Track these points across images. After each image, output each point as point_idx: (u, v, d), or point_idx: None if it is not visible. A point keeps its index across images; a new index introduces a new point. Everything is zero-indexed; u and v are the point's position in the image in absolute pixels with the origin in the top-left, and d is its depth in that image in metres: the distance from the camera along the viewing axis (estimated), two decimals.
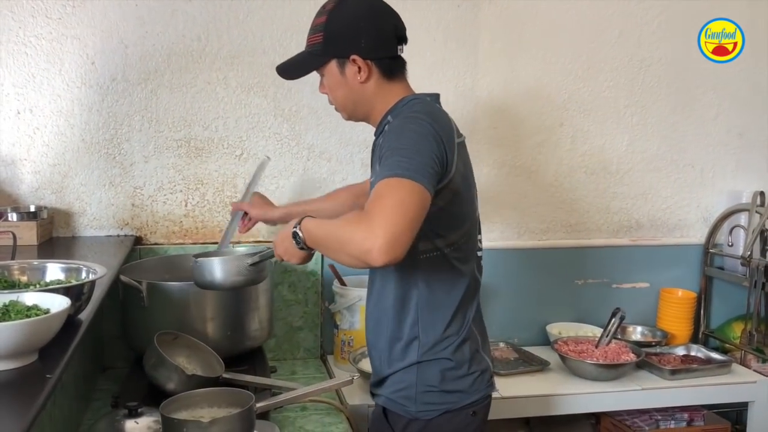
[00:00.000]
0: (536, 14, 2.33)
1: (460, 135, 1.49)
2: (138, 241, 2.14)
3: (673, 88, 2.46)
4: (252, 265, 1.58)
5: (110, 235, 2.14)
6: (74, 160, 2.08)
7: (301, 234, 1.38)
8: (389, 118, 1.51)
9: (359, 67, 1.48)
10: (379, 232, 1.20)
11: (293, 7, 2.14)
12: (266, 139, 2.18)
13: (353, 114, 1.60)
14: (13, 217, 1.95)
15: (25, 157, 2.04)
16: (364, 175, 2.25)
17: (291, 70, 1.59)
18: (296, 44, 2.14)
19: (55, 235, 2.09)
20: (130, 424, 1.47)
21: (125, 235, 2.14)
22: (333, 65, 1.51)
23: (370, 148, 2.23)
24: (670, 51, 2.42)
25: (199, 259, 1.65)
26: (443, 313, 1.51)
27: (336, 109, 1.61)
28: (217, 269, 1.61)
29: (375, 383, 1.62)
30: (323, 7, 1.51)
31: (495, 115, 2.34)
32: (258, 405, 1.44)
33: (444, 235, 1.47)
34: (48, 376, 1.00)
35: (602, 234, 2.49)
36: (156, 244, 2.16)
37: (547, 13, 2.34)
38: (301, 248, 1.40)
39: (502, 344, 2.39)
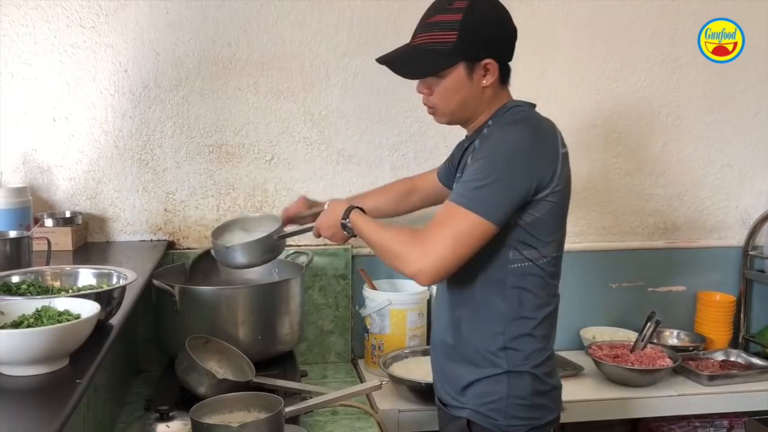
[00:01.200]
0: (568, 14, 2.30)
1: (564, 145, 1.45)
2: (171, 245, 2.17)
3: (709, 87, 2.40)
4: (279, 238, 1.69)
5: (144, 240, 2.16)
6: (108, 166, 2.11)
7: (350, 226, 1.53)
8: (489, 122, 1.48)
9: (487, 71, 1.44)
10: (429, 260, 1.34)
11: (322, 12, 2.14)
12: (296, 144, 2.19)
13: (458, 117, 1.52)
14: (48, 222, 1.99)
15: (60, 164, 2.08)
16: (393, 179, 2.24)
17: (408, 68, 1.49)
18: (325, 48, 2.16)
19: (89, 240, 2.13)
20: (161, 427, 1.49)
21: (158, 240, 2.16)
22: (461, 67, 1.42)
23: (399, 152, 2.25)
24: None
25: (228, 246, 1.69)
26: (533, 325, 1.48)
27: (431, 111, 1.53)
28: (248, 253, 1.68)
29: (453, 392, 1.55)
30: (449, 4, 1.42)
31: None
32: (287, 409, 1.43)
33: (536, 246, 1.44)
34: (78, 381, 1.01)
35: (637, 236, 2.44)
36: (188, 248, 2.18)
37: (578, 13, 2.30)
38: (351, 235, 1.56)
39: None
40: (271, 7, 2.12)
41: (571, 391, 2.07)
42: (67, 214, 2.06)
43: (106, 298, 1.25)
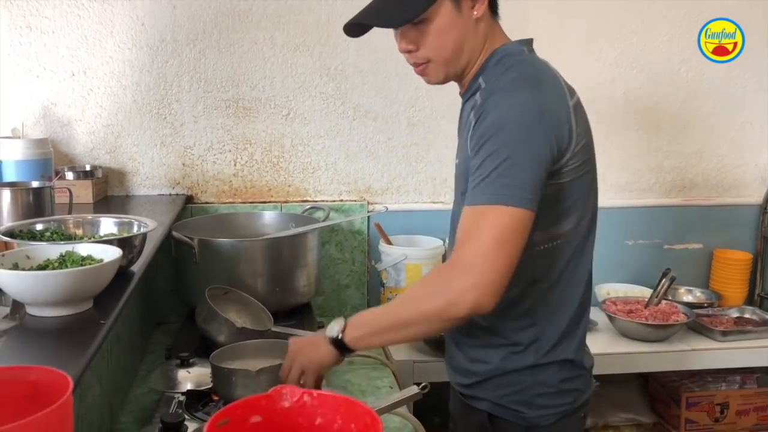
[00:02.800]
0: None
1: (573, 94, 1.25)
2: (189, 199, 2.19)
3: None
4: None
5: (162, 194, 2.19)
6: (127, 120, 2.13)
7: (350, 345, 1.22)
8: (480, 81, 1.27)
9: (472, 2, 1.25)
10: (478, 278, 1.09)
11: None
12: (312, 99, 2.19)
13: (454, 67, 1.30)
14: (69, 176, 2.02)
15: (80, 118, 2.10)
16: (409, 135, 2.26)
17: (390, 14, 1.31)
18: (341, 1, 2.14)
19: (109, 193, 2.16)
20: (182, 373, 1.54)
21: (177, 194, 2.19)
22: (447, 3, 1.23)
23: (416, 107, 2.25)
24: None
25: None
26: (565, 312, 1.30)
27: (422, 70, 1.34)
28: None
29: (470, 384, 1.39)
30: None
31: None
32: None
33: (563, 221, 1.25)
34: (102, 321, 1.04)
35: (654, 194, 2.43)
36: (207, 202, 2.20)
37: None
38: (342, 352, 1.24)
39: None
40: None
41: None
42: (87, 168, 2.08)
43: (128, 245, 1.27)
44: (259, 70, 2.15)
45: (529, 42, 1.33)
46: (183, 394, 1.46)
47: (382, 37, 2.16)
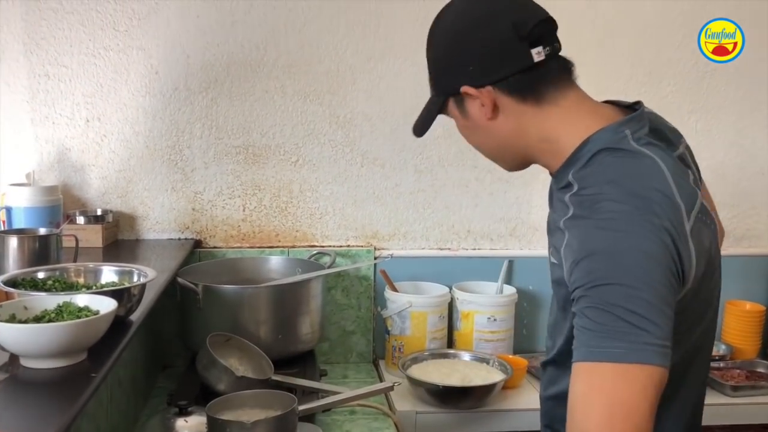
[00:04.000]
0: (595, 16, 2.28)
1: (690, 210, 1.00)
2: (198, 244, 2.22)
3: (742, 92, 2.36)
4: None
5: (172, 239, 2.22)
6: (139, 165, 2.17)
7: None
8: (571, 178, 1.06)
9: (479, 101, 1.11)
10: None
11: (349, 18, 2.17)
12: (321, 146, 2.22)
13: (508, 160, 1.23)
14: (80, 220, 2.05)
15: (93, 163, 2.15)
16: (417, 181, 2.27)
17: (419, 125, 1.29)
18: (351, 52, 2.18)
19: (120, 237, 2.19)
20: (180, 422, 1.53)
21: (186, 239, 2.22)
22: (452, 107, 1.18)
23: (424, 154, 2.27)
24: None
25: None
26: None
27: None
28: None
29: None
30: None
31: None
32: (301, 407, 1.46)
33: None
34: (93, 375, 1.05)
35: None
36: (215, 247, 2.23)
37: (605, 15, 2.29)
38: None
39: None
40: (298, 11, 2.15)
41: None
42: (99, 212, 2.12)
43: (126, 295, 1.29)
44: (269, 117, 2.19)
45: (633, 121, 1.08)
46: None
47: (389, 85, 2.22)
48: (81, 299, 1.17)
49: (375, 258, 2.23)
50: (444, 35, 1.16)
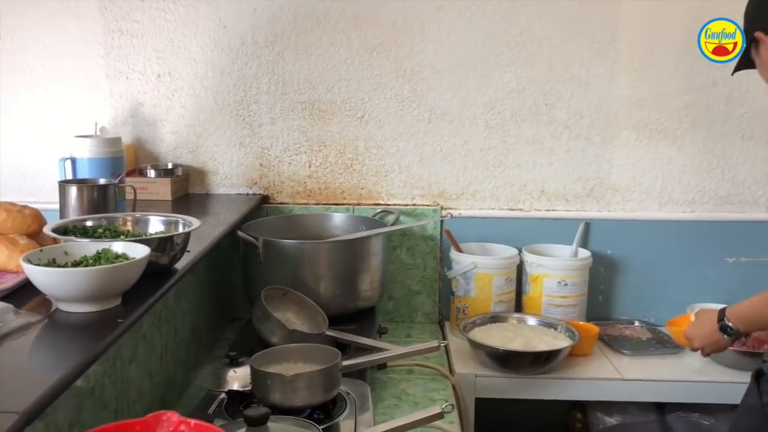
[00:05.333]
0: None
1: None
2: (265, 199, 2.23)
3: None
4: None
5: (240, 194, 2.24)
6: (208, 121, 2.19)
7: (732, 326, 1.50)
8: None
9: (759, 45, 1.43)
10: None
11: None
12: (387, 101, 2.16)
13: None
14: (151, 173, 2.11)
15: (164, 118, 2.19)
16: (487, 138, 2.18)
17: (735, 65, 1.58)
18: (419, 0, 2.09)
19: (191, 191, 2.23)
20: (230, 372, 1.54)
21: (254, 194, 2.23)
22: (754, 51, 1.47)
23: (495, 109, 2.16)
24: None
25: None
26: None
27: None
28: None
29: None
30: None
31: (636, 72, 2.13)
32: (345, 363, 1.44)
33: None
34: (120, 320, 1.06)
35: (761, 207, 2.20)
36: (282, 203, 2.23)
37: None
38: (734, 337, 1.52)
39: (636, 323, 2.22)
40: None
41: (668, 370, 1.94)
42: (169, 166, 2.17)
43: (168, 244, 1.30)
44: (335, 72, 2.15)
45: None
46: (226, 393, 1.47)
47: (460, 36, 2.12)
48: (118, 246, 1.19)
49: (442, 217, 2.17)
50: None
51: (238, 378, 1.52)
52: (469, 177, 2.20)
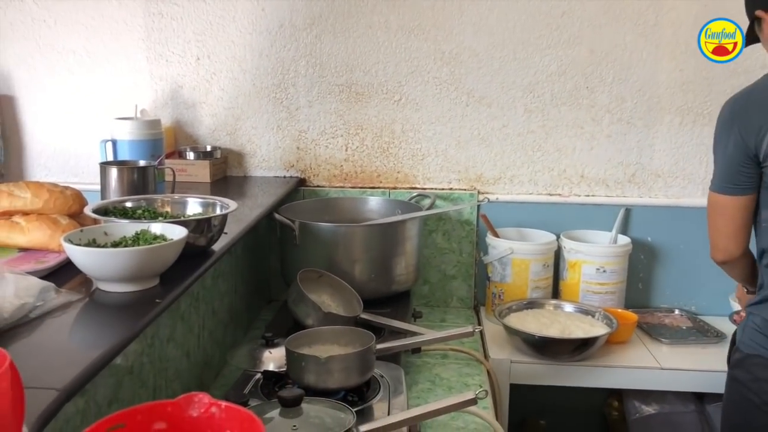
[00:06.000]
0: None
1: None
2: (302, 182, 2.24)
3: None
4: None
5: (278, 176, 2.25)
6: (246, 104, 2.20)
7: None
8: None
9: (761, 22, 1.49)
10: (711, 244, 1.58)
11: None
12: (425, 84, 2.14)
13: None
14: (190, 155, 2.13)
15: (203, 101, 2.21)
16: (526, 122, 2.15)
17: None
18: None
19: (229, 174, 2.25)
20: (266, 353, 1.56)
21: (291, 177, 2.24)
22: (757, 29, 1.52)
23: (535, 93, 2.13)
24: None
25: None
26: None
27: None
28: None
29: None
30: None
31: (681, 56, 2.08)
32: (379, 346, 1.44)
33: None
34: (157, 300, 1.08)
35: None
36: (318, 186, 2.24)
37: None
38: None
39: (676, 311, 2.18)
40: None
41: (708, 359, 1.90)
42: (208, 148, 2.19)
43: (206, 226, 1.31)
44: (372, 54, 2.14)
45: None
46: (261, 373, 1.49)
47: (500, 18, 2.09)
48: (156, 227, 1.20)
49: (479, 202, 2.15)
50: None
51: (273, 359, 1.53)
52: (507, 161, 2.17)
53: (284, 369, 1.46)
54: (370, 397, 1.40)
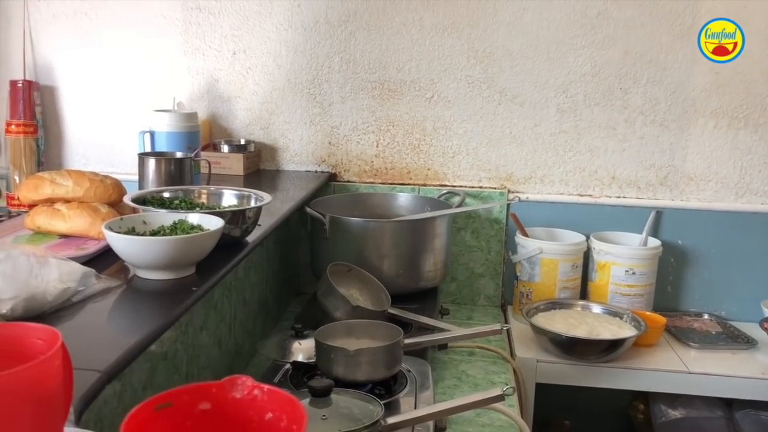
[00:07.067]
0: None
1: None
2: (333, 177, 2.26)
3: None
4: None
5: (309, 171, 2.28)
6: (280, 98, 2.23)
7: None
8: None
9: None
10: None
11: None
12: (457, 82, 2.15)
13: None
14: (224, 148, 2.16)
15: (238, 95, 2.24)
16: (558, 122, 2.14)
17: None
18: None
19: (262, 167, 2.28)
20: (295, 344, 1.59)
21: (322, 171, 2.26)
22: None
23: (568, 93, 2.13)
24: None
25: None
26: None
27: None
28: None
29: None
30: None
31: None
32: (407, 341, 1.46)
33: None
34: (194, 288, 1.10)
35: None
36: (349, 181, 2.26)
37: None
38: None
39: (705, 316, 2.17)
40: None
41: (740, 366, 1.89)
42: (242, 142, 2.22)
43: (241, 217, 1.34)
44: (406, 52, 2.15)
45: None
46: (291, 364, 1.51)
47: (534, 17, 2.09)
48: (193, 218, 1.23)
49: (508, 201, 2.15)
50: None
51: (302, 350, 1.56)
52: (537, 161, 2.17)
53: (313, 360, 1.48)
54: (397, 391, 1.42)
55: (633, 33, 2.06)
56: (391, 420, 1.13)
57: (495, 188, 2.19)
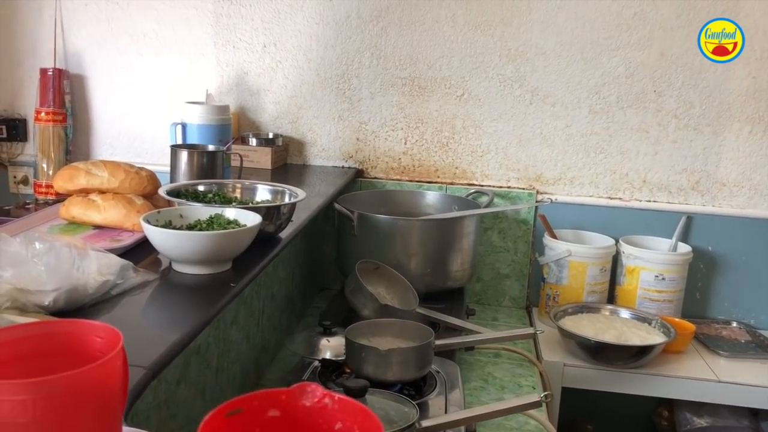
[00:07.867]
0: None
1: None
2: (360, 173, 2.25)
3: None
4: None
5: (336, 166, 2.26)
6: (309, 93, 2.22)
7: None
8: None
9: None
10: None
11: None
12: (488, 80, 2.13)
13: None
14: (253, 141, 2.16)
15: (267, 88, 2.23)
16: (589, 123, 2.12)
17: None
18: None
19: (289, 161, 2.27)
20: (323, 341, 1.58)
21: (349, 167, 2.25)
22: None
23: (600, 94, 2.10)
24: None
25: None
26: None
27: None
28: None
29: None
30: None
31: (755, 62, 2.02)
32: (437, 342, 1.44)
33: None
34: (232, 284, 1.10)
35: None
36: (376, 178, 2.25)
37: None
38: None
39: (734, 324, 2.14)
40: None
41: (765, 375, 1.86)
42: (270, 136, 2.21)
43: (275, 213, 1.33)
44: (437, 48, 2.13)
45: None
46: (319, 361, 1.50)
47: (569, 16, 2.06)
48: (230, 213, 1.22)
49: (537, 202, 2.13)
50: None
51: (330, 347, 1.55)
52: (568, 162, 2.15)
53: (342, 358, 1.47)
54: (427, 392, 1.40)
55: (669, 35, 2.03)
56: (425, 423, 1.12)
57: (524, 189, 2.17)
